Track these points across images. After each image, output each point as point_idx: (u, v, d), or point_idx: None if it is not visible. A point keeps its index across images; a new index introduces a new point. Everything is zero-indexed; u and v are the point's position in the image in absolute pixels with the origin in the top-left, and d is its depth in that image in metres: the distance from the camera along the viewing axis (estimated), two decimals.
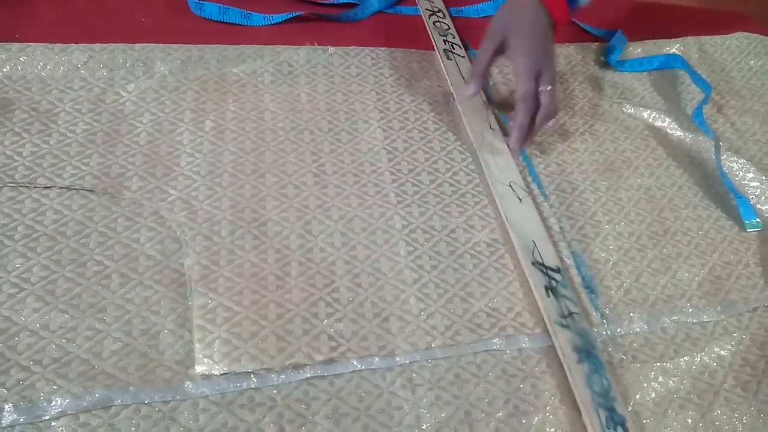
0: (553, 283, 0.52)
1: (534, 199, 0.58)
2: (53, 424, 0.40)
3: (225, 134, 0.58)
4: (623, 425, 0.45)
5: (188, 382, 0.43)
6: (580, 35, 0.80)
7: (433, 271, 0.52)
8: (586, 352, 0.48)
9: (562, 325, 0.49)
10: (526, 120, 0.60)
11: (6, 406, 0.40)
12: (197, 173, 0.54)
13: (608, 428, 0.44)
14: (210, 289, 0.47)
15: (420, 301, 0.50)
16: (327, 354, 0.45)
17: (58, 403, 0.41)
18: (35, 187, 0.51)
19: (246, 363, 0.44)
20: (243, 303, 0.47)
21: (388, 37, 0.72)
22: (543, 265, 0.53)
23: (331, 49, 0.68)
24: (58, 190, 0.51)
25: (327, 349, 0.46)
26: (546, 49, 0.62)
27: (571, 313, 0.50)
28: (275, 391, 0.43)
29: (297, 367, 0.44)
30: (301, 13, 0.71)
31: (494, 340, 0.49)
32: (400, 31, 0.73)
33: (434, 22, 0.74)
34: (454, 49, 0.71)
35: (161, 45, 0.62)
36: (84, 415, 0.41)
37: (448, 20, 0.75)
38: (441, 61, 0.69)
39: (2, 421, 0.40)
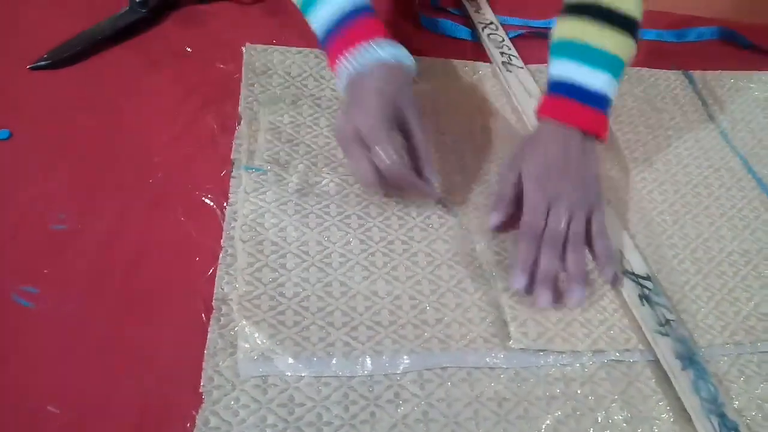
0: (646, 291, 0.52)
1: (614, 209, 0.59)
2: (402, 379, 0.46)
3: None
4: (737, 430, 0.45)
5: (504, 353, 0.48)
6: None
7: None
8: (689, 359, 0.49)
9: (662, 333, 0.50)
10: (530, 253, 0.51)
11: (367, 360, 0.46)
12: None
13: None
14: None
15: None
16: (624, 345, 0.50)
17: (404, 360, 0.46)
18: (337, 174, 0.57)
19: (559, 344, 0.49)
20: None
21: None
22: (633, 273, 0.53)
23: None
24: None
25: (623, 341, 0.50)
26: (582, 178, 0.53)
27: (668, 321, 0.51)
28: (585, 370, 0.49)
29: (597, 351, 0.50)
30: (519, 33, 0.76)
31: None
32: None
33: (488, 35, 0.75)
34: (511, 60, 0.72)
35: None
36: (427, 373, 0.46)
37: (501, 32, 0.76)
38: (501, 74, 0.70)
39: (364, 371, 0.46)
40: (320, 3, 0.54)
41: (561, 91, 0.55)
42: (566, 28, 0.57)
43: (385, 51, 0.52)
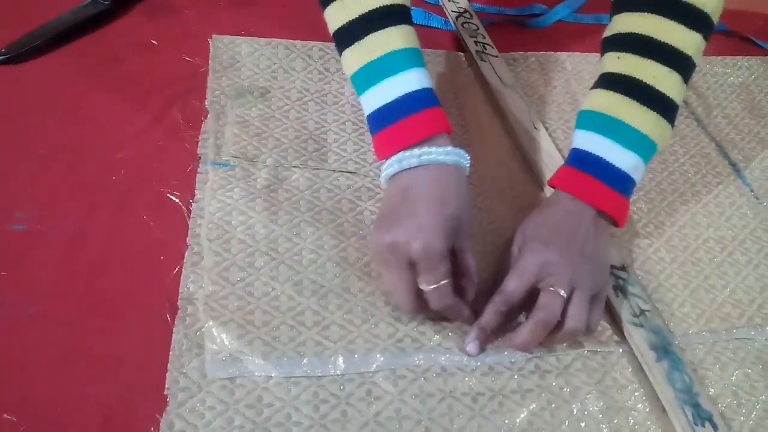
0: (621, 282, 0.52)
1: None
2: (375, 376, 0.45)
3: None
4: (710, 420, 0.45)
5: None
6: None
7: None
8: (664, 349, 0.48)
9: (636, 325, 0.49)
10: (493, 320, 0.46)
11: (339, 359, 0.45)
12: None
13: (696, 424, 0.45)
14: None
15: None
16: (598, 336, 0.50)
17: (378, 358, 0.46)
18: (307, 168, 0.56)
19: None
20: None
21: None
22: None
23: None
24: (327, 171, 0.56)
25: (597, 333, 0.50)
26: (583, 258, 0.46)
27: (643, 311, 0.50)
28: (560, 361, 0.48)
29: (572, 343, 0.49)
30: (493, 21, 0.76)
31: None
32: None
33: (462, 24, 0.74)
34: (486, 50, 0.71)
35: None
36: (400, 369, 0.46)
37: (476, 20, 0.75)
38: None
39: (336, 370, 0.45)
40: (382, 73, 0.47)
41: (583, 164, 0.48)
42: (601, 100, 0.50)
43: (448, 153, 0.46)
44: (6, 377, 0.41)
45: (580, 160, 0.49)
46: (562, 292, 0.44)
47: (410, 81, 0.47)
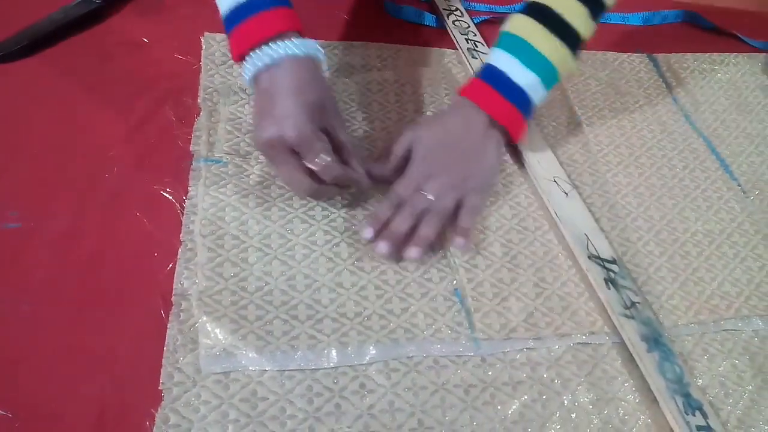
0: (612, 274, 0.53)
1: (579, 192, 0.59)
2: (368, 369, 0.45)
3: None
4: (701, 409, 0.46)
5: (468, 342, 0.48)
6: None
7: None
8: (654, 340, 0.49)
9: (627, 316, 0.50)
10: (387, 211, 0.51)
11: (332, 352, 0.45)
12: None
13: (687, 413, 0.45)
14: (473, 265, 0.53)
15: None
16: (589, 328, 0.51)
17: (370, 350, 0.46)
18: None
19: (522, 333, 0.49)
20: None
21: None
22: (599, 257, 0.54)
23: None
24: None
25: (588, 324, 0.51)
26: (470, 161, 0.54)
27: (633, 303, 0.51)
28: (551, 354, 0.49)
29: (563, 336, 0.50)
30: (484, 18, 0.76)
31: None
32: None
33: (453, 21, 0.74)
34: (477, 47, 0.71)
35: None
36: (393, 362, 0.46)
37: (467, 18, 0.75)
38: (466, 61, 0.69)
39: (330, 363, 0.45)
40: None
41: (487, 76, 0.55)
42: (517, 23, 0.56)
43: (297, 45, 0.48)
44: (1, 373, 0.41)
45: (485, 73, 0.55)
46: (430, 196, 0.51)
47: None
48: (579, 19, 0.55)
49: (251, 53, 0.48)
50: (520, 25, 0.55)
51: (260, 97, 0.49)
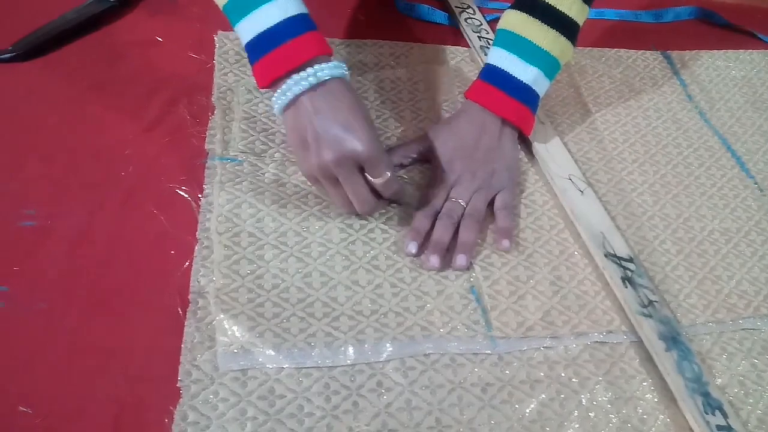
0: (629, 273, 0.52)
1: (594, 190, 0.59)
2: (385, 367, 0.45)
3: None
4: (720, 408, 0.45)
5: (485, 340, 0.48)
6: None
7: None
8: (672, 339, 0.49)
9: (645, 315, 0.50)
10: (425, 223, 0.52)
11: (349, 349, 0.45)
12: None
13: (706, 413, 0.45)
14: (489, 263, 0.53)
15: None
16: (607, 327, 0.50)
17: (387, 347, 0.46)
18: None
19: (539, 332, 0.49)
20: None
21: None
22: (615, 256, 0.53)
23: None
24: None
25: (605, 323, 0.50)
26: (492, 162, 0.55)
27: (651, 302, 0.51)
28: (568, 352, 0.48)
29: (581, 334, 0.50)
30: (496, 16, 0.73)
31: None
32: None
33: (465, 19, 0.74)
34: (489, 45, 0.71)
35: None
36: (410, 360, 0.46)
37: (479, 16, 0.75)
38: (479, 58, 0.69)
39: (347, 360, 0.45)
40: (251, 4, 0.48)
41: (491, 78, 0.56)
42: (511, 20, 0.57)
43: (338, 66, 0.48)
44: (20, 370, 0.41)
45: (489, 74, 0.56)
46: (462, 202, 0.53)
47: (287, 7, 0.47)
48: (569, 4, 0.55)
49: (292, 76, 0.47)
50: (514, 21, 0.56)
51: (301, 120, 0.47)
